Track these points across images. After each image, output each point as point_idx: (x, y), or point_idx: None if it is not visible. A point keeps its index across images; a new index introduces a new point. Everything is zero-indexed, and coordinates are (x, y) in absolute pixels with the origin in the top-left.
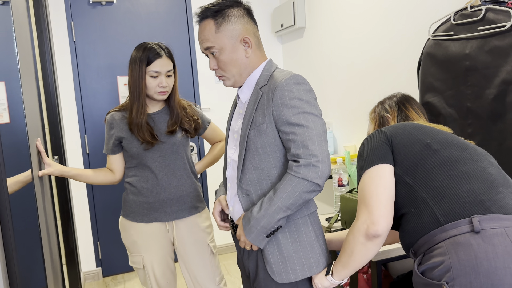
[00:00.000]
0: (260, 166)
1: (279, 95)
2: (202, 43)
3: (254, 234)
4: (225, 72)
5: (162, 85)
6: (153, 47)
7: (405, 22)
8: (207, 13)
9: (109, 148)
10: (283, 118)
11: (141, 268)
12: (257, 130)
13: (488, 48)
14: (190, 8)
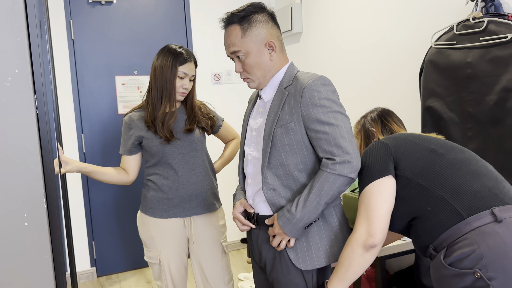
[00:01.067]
0: (287, 162)
1: (308, 96)
2: (229, 48)
3: (296, 230)
4: (250, 74)
5: (186, 86)
6: (182, 51)
7: (405, 30)
8: (234, 18)
9: (127, 148)
10: (313, 117)
11: (157, 263)
12: (285, 128)
13: (489, 58)
14: (188, 9)
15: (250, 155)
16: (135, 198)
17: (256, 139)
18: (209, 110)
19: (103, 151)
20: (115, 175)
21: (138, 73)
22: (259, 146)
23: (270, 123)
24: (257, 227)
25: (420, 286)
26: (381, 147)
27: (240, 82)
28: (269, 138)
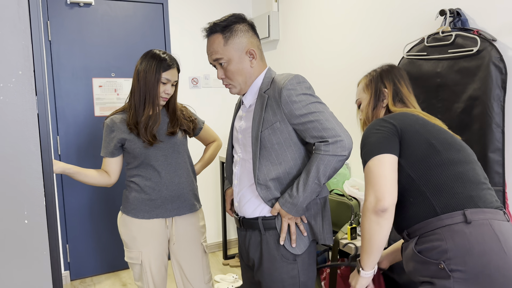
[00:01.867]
0: (278, 160)
1: (286, 94)
2: (212, 55)
3: (301, 210)
4: (232, 81)
5: (168, 92)
6: (166, 58)
7: (378, 40)
8: (216, 28)
9: (109, 150)
10: (294, 112)
11: (139, 263)
12: (271, 129)
13: (457, 68)
14: (167, 14)
15: (238, 157)
16: (110, 200)
17: (243, 141)
18: (191, 113)
19: (78, 153)
20: (98, 177)
21: (115, 76)
22: (247, 148)
23: (256, 126)
24: (243, 228)
25: (393, 282)
26: (389, 126)
27: (217, 86)
28: (257, 140)
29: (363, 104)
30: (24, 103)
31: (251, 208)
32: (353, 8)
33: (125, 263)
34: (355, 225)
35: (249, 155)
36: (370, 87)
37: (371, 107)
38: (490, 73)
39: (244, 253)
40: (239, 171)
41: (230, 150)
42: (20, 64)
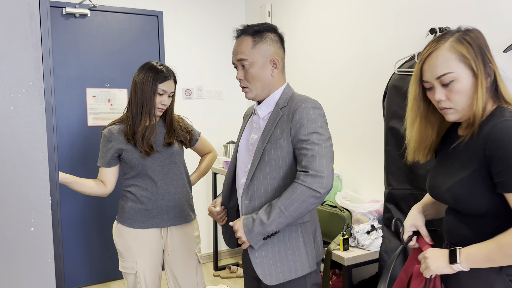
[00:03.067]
0: (270, 175)
1: (298, 116)
2: (237, 55)
3: (254, 234)
4: (250, 84)
5: (164, 103)
6: (163, 69)
7: (371, 57)
8: (248, 30)
9: (106, 160)
10: (299, 136)
11: (133, 273)
12: (274, 144)
13: None
14: (162, 26)
15: (246, 167)
16: (102, 210)
17: (251, 153)
18: (187, 124)
19: (71, 163)
20: (94, 186)
21: (109, 86)
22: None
23: (263, 139)
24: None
25: None
26: None
27: (210, 98)
28: (259, 152)
29: (460, 83)
30: (34, 113)
31: None
32: (346, 25)
33: (116, 274)
34: (347, 236)
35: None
36: (474, 56)
37: (484, 88)
38: None
39: (249, 264)
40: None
41: (234, 161)
42: (31, 76)
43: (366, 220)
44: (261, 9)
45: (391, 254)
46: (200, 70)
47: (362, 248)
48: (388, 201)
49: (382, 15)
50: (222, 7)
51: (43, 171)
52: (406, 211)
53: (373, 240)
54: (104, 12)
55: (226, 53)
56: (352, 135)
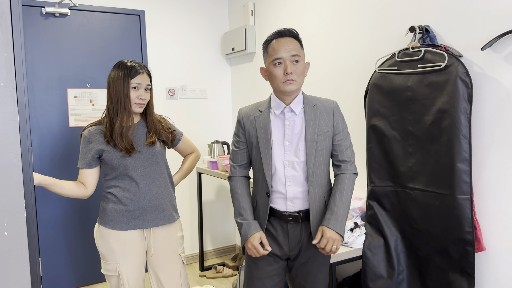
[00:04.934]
0: (323, 162)
1: (338, 113)
2: (291, 51)
3: (343, 227)
4: (297, 77)
5: (142, 97)
6: (134, 65)
7: (352, 55)
8: (295, 33)
9: (86, 162)
10: (339, 126)
11: (116, 275)
12: (324, 136)
13: (427, 82)
14: (144, 26)
15: (287, 161)
16: (85, 212)
17: (291, 147)
18: (169, 124)
19: (52, 164)
20: (74, 188)
21: (91, 86)
22: (298, 152)
23: (311, 131)
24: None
25: None
26: None
27: (194, 97)
28: (312, 143)
29: None
30: (6, 114)
31: (306, 203)
32: (327, 24)
33: (99, 277)
34: None
35: (302, 158)
36: None
37: None
38: (457, 87)
39: (287, 244)
40: (291, 173)
41: (270, 159)
42: (2, 76)
43: (350, 218)
44: (244, 8)
45: (375, 251)
46: (183, 69)
47: (345, 246)
48: (370, 198)
49: (363, 13)
50: (205, 6)
51: (17, 174)
52: (388, 208)
53: (356, 237)
54: (85, 12)
55: (210, 52)
56: None
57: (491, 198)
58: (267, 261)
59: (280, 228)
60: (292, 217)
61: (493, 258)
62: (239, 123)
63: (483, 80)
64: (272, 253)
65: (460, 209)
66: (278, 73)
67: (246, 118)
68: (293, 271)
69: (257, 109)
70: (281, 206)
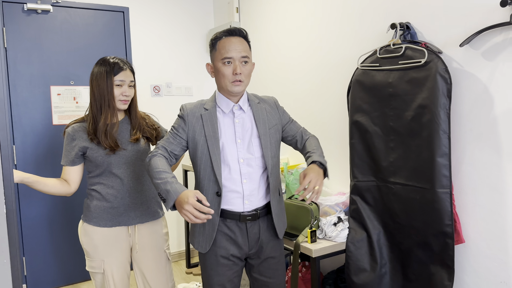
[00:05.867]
0: (276, 154)
1: (279, 107)
2: (242, 52)
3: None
4: (245, 78)
5: (126, 93)
6: (117, 61)
7: (335, 52)
8: (245, 34)
9: (69, 159)
10: (287, 118)
11: (101, 272)
12: (274, 129)
13: (407, 79)
14: (128, 23)
15: (242, 159)
16: (69, 210)
17: (243, 144)
18: (154, 121)
19: (36, 162)
20: (57, 186)
21: (74, 84)
22: (251, 149)
23: (263, 126)
24: (249, 220)
25: (351, 283)
26: None
27: (180, 95)
28: (266, 137)
29: None
30: None
31: (262, 199)
32: (312, 21)
33: (85, 275)
34: (315, 228)
35: (257, 154)
36: None
37: None
38: (437, 83)
39: (246, 243)
40: (247, 171)
41: (219, 158)
42: None
43: (333, 212)
44: (228, 5)
45: (358, 245)
46: (169, 66)
47: (329, 240)
48: (353, 193)
49: (346, 10)
50: (190, 2)
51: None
52: (371, 202)
53: (340, 231)
54: (68, 8)
55: (195, 49)
56: (320, 129)
57: (470, 192)
58: (227, 266)
59: (238, 229)
60: (251, 216)
61: (472, 250)
62: (182, 119)
63: (462, 76)
64: (232, 255)
65: (440, 203)
66: (227, 72)
67: (192, 115)
68: (255, 270)
69: (202, 107)
70: (239, 207)
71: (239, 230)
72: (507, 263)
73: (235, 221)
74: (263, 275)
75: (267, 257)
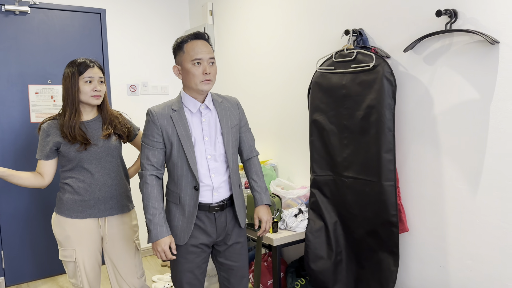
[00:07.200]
0: (236, 151)
1: (240, 108)
2: (209, 54)
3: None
4: (213, 77)
5: (96, 89)
6: (84, 60)
7: (298, 55)
8: (208, 38)
9: (44, 153)
10: (245, 120)
11: (73, 261)
12: (235, 128)
13: (358, 81)
14: (104, 23)
15: (209, 155)
16: (46, 204)
17: (210, 141)
18: (126, 120)
19: (15, 159)
20: (32, 178)
21: (52, 83)
22: (217, 145)
23: (225, 125)
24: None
25: (309, 270)
26: None
27: (156, 94)
28: (228, 135)
29: None
30: None
31: (228, 191)
32: (278, 25)
33: (62, 268)
34: (277, 219)
35: (221, 150)
36: None
37: None
38: (383, 86)
39: (214, 232)
40: (215, 165)
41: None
42: None
43: (296, 205)
44: (203, 7)
45: (316, 234)
46: (145, 66)
47: (290, 230)
48: (313, 187)
49: (309, 16)
50: (166, 4)
51: None
52: (328, 195)
53: (300, 222)
54: (45, 10)
55: (171, 49)
56: (285, 127)
57: (413, 184)
58: (195, 254)
59: (207, 220)
60: (219, 207)
61: (416, 238)
62: (153, 123)
63: (406, 78)
64: (200, 243)
65: (386, 194)
66: (197, 72)
67: (161, 118)
68: (221, 255)
69: (170, 108)
70: (208, 198)
71: (208, 220)
72: (446, 249)
73: (205, 212)
74: (228, 260)
75: (233, 243)
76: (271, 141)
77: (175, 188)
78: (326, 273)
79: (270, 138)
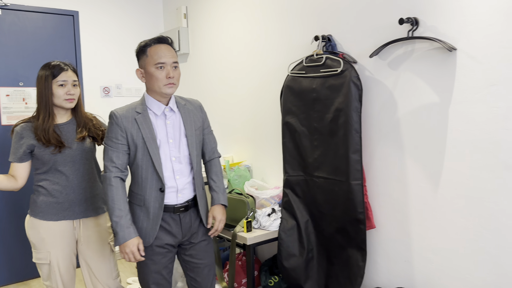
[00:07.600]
0: (199, 153)
1: (203, 110)
2: (173, 58)
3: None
4: (176, 81)
5: (70, 92)
6: (58, 63)
7: (270, 59)
8: (171, 43)
9: (17, 156)
10: (207, 122)
11: (47, 263)
12: (199, 130)
13: (327, 85)
14: (78, 25)
15: (174, 157)
16: (18, 207)
17: (175, 144)
18: (101, 123)
19: None
20: (5, 181)
21: (24, 85)
22: (181, 147)
23: (189, 127)
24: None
25: (282, 267)
26: None
27: (129, 96)
28: (192, 137)
29: None
30: None
31: (192, 192)
32: (250, 29)
33: (36, 272)
34: (251, 219)
35: (185, 152)
36: None
37: None
38: (351, 89)
39: (180, 232)
40: (179, 167)
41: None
42: None
43: (269, 205)
44: (177, 10)
45: (288, 233)
46: (119, 68)
47: (263, 229)
48: (285, 187)
49: (281, 22)
50: (141, 6)
51: None
52: (300, 194)
53: (273, 221)
54: (17, 11)
55: None
56: (259, 130)
57: (380, 183)
58: (162, 254)
59: (172, 221)
60: (183, 208)
61: (383, 235)
62: (117, 125)
63: (372, 83)
64: (166, 244)
65: (354, 193)
66: (161, 76)
67: (126, 120)
68: (187, 253)
69: (134, 111)
70: (173, 200)
71: (173, 221)
72: (410, 245)
73: (169, 213)
74: (195, 257)
75: (199, 241)
76: (245, 143)
77: (139, 191)
78: (298, 270)
79: (244, 140)
